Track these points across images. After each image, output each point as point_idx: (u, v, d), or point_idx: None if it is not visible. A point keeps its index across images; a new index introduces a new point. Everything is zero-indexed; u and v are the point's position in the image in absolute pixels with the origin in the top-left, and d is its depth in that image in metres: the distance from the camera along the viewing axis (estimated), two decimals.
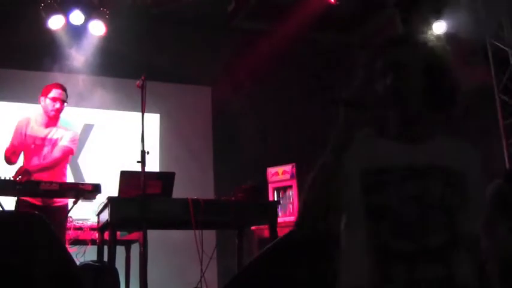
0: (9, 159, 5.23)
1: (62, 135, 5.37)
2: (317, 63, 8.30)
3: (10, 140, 5.34)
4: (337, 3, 6.34)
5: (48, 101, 5.32)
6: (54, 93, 5.32)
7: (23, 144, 5.27)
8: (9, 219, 3.85)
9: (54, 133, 5.37)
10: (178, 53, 8.03)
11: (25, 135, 5.28)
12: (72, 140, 5.41)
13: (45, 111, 5.34)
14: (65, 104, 5.41)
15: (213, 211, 4.71)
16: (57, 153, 5.29)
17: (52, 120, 5.38)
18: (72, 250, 5.33)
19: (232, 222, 5.06)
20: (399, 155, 1.89)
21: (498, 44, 7.04)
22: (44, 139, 5.31)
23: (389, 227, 1.81)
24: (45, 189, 4.76)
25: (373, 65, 1.95)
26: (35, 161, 5.23)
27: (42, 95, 5.35)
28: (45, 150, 5.30)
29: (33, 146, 5.27)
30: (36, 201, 5.05)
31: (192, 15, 7.40)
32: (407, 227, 1.80)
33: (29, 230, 3.54)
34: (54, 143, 5.33)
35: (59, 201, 5.17)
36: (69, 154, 5.43)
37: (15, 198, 5.02)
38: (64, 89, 5.42)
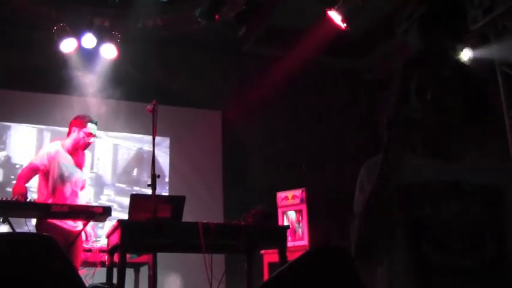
0: (23, 182, 5.27)
1: (85, 163, 5.60)
2: (327, 88, 8.33)
3: (35, 159, 5.39)
4: (348, 29, 6.36)
5: (82, 134, 5.42)
6: (91, 128, 5.44)
7: (53, 173, 5.31)
8: (20, 240, 3.86)
9: (79, 159, 5.52)
10: (188, 77, 8.08)
11: (58, 163, 5.33)
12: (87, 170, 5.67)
13: (76, 143, 5.43)
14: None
15: (223, 235, 4.70)
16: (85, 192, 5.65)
17: (80, 151, 5.50)
18: (82, 272, 5.32)
19: (242, 246, 5.03)
20: (438, 172, 1.89)
21: (508, 71, 7.05)
22: (73, 167, 5.42)
23: (435, 243, 1.81)
24: (55, 211, 4.78)
25: (408, 82, 1.94)
26: (68, 188, 5.32)
27: (76, 126, 5.43)
28: (75, 176, 5.40)
29: (66, 173, 5.33)
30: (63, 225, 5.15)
31: (203, 39, 7.45)
32: (454, 243, 1.80)
33: (38, 251, 3.55)
34: (80, 169, 5.50)
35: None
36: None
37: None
38: (97, 124, 5.53)
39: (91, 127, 5.44)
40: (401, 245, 1.87)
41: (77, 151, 5.49)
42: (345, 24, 6.28)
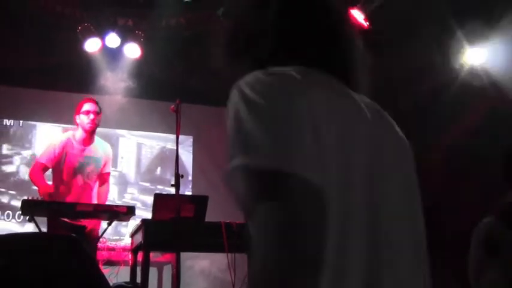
0: (42, 181, 5.30)
1: (101, 156, 5.50)
2: None
3: (41, 157, 5.42)
4: (370, 27, 6.30)
5: (82, 116, 5.38)
6: (86, 106, 5.40)
7: (61, 164, 5.35)
8: (45, 240, 3.90)
9: (93, 150, 5.48)
10: (211, 74, 8.08)
11: (67, 153, 5.35)
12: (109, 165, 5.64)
13: (82, 127, 5.40)
14: (99, 116, 5.48)
15: (246, 235, 4.70)
16: (107, 188, 5.62)
17: (90, 136, 5.45)
18: (105, 271, 5.36)
19: None
20: None
21: None
22: (85, 157, 5.40)
23: None
24: (80, 211, 4.82)
25: None
26: (80, 180, 5.32)
27: (76, 114, 5.43)
28: (88, 168, 5.39)
29: (76, 164, 5.34)
30: (70, 220, 5.12)
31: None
32: None
33: (63, 251, 3.58)
34: (96, 161, 5.46)
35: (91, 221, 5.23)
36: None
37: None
38: (95, 102, 5.50)
39: (87, 105, 5.41)
40: None
41: (90, 139, 5.45)
42: (367, 23, 6.22)
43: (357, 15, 6.22)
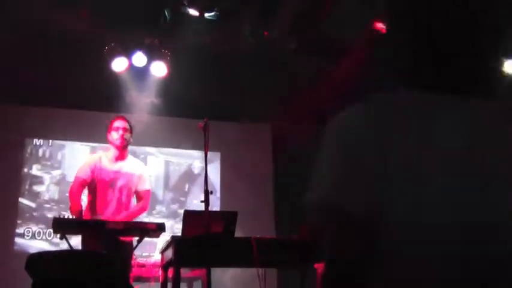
0: (77, 199, 5.35)
1: (134, 172, 5.55)
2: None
3: (79, 172, 5.45)
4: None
5: (113, 133, 5.48)
6: (116, 123, 5.51)
7: (95, 180, 5.40)
8: (78, 258, 3.95)
9: (125, 167, 5.53)
10: (237, 91, 8.12)
11: (99, 169, 5.42)
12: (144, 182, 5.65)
13: (113, 144, 5.49)
14: (130, 133, 5.57)
15: (276, 250, 4.71)
16: (142, 205, 5.62)
17: (122, 152, 5.52)
18: (136, 287, 5.39)
19: (295, 260, 5.02)
20: None
21: None
22: (116, 172, 5.46)
23: None
24: (110, 228, 4.85)
25: None
26: (112, 195, 5.38)
27: (108, 132, 5.53)
28: (119, 183, 5.44)
29: (107, 179, 5.41)
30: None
31: (252, 53, 7.49)
32: None
33: (96, 268, 3.62)
34: (129, 177, 5.50)
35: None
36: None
37: None
38: (125, 119, 5.60)
39: (117, 122, 5.50)
40: None
41: (122, 156, 5.53)
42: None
43: (381, 26, 6.22)
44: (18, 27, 6.70)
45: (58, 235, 4.98)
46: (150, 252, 7.56)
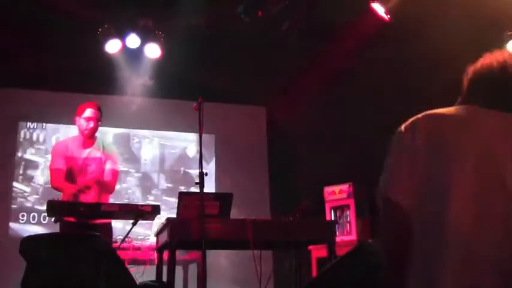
0: (62, 186, 5.30)
1: (103, 156, 5.46)
2: (373, 81, 8.20)
3: (53, 167, 5.39)
4: (391, 20, 6.24)
5: (82, 120, 5.40)
6: (88, 112, 5.40)
7: (68, 167, 5.34)
8: (73, 240, 3.93)
9: (93, 153, 5.44)
10: (232, 73, 8.07)
11: (70, 157, 5.35)
12: (116, 163, 5.57)
13: (81, 132, 5.42)
14: (99, 122, 5.47)
15: (271, 231, 4.70)
16: (109, 177, 5.42)
17: (89, 140, 5.45)
18: (132, 270, 5.37)
19: (290, 242, 5.02)
20: None
21: None
22: (86, 159, 5.39)
23: None
24: (105, 211, 4.83)
25: None
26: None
27: (76, 115, 5.44)
28: (90, 169, 5.38)
29: (78, 167, 5.34)
30: (79, 220, 5.05)
31: (246, 34, 7.43)
32: None
33: (92, 250, 3.60)
34: (97, 161, 5.42)
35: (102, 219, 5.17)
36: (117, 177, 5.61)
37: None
38: (98, 108, 5.48)
39: (89, 111, 5.40)
40: None
41: (90, 142, 5.44)
42: (388, 16, 6.16)
43: (378, 8, 6.16)
44: (9, 8, 6.63)
45: (53, 218, 4.95)
46: (146, 235, 7.55)
